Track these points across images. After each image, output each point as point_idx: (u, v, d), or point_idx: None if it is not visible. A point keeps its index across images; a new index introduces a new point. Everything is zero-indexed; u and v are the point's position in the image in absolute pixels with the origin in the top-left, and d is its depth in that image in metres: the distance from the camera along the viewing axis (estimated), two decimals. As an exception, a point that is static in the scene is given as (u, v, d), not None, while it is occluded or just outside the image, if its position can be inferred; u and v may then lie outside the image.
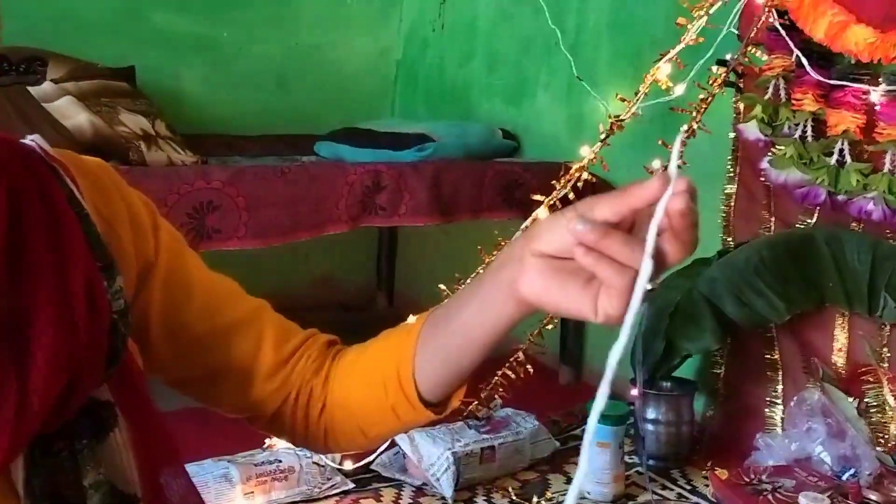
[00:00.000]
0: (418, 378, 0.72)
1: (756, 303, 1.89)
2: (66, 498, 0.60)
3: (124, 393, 0.67)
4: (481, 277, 0.68)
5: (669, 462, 1.98)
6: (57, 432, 0.60)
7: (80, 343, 0.59)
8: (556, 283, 0.60)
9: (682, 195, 0.55)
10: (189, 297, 0.77)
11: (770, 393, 2.01)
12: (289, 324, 0.83)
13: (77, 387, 0.59)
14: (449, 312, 0.71)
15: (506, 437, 1.94)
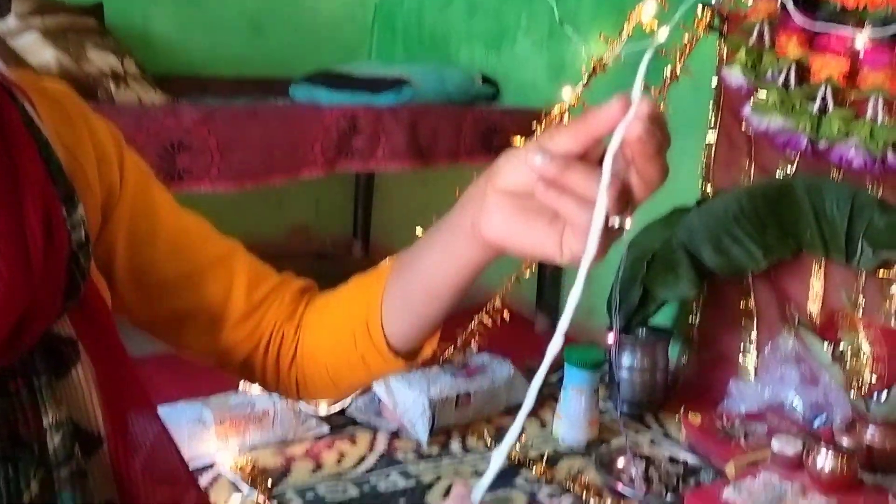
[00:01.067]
0: (387, 328, 0.69)
1: (734, 251, 1.89)
2: (27, 439, 0.57)
3: (87, 329, 0.63)
4: (444, 220, 0.64)
5: (643, 408, 1.99)
6: (12, 370, 0.57)
7: (34, 275, 0.55)
8: (520, 223, 0.56)
9: (641, 120, 0.49)
10: (155, 234, 0.73)
11: (744, 340, 2.02)
12: (262, 267, 0.79)
13: (30, 321, 0.56)
14: (413, 259, 0.68)
15: (481, 383, 1.94)
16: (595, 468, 1.70)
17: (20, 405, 0.57)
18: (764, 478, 1.46)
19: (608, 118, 0.50)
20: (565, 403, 1.84)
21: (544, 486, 1.64)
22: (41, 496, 0.58)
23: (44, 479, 0.58)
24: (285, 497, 1.53)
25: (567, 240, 0.54)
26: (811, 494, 1.40)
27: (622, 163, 0.51)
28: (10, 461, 0.56)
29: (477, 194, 0.59)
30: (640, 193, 0.52)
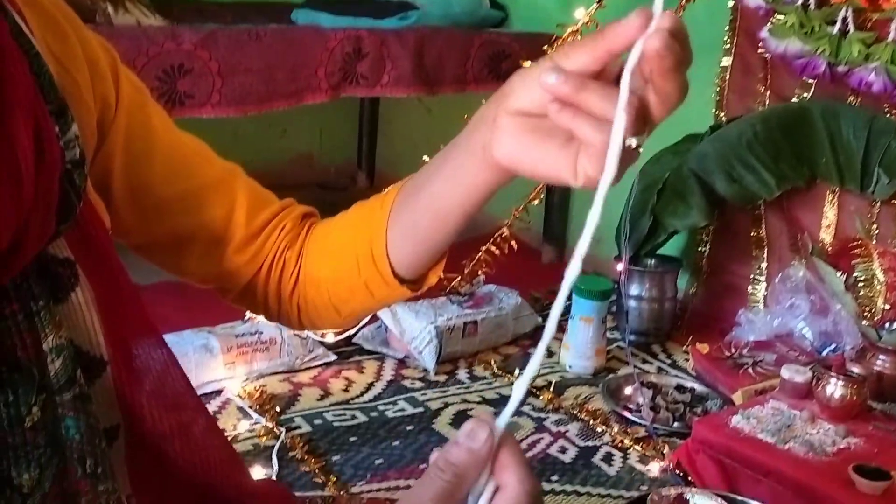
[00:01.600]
0: (391, 254, 0.67)
1: (746, 178, 1.85)
2: (25, 362, 0.55)
3: (85, 251, 0.61)
4: (453, 143, 0.61)
5: (651, 337, 1.99)
6: (7, 294, 0.55)
7: (25, 196, 0.52)
8: (532, 144, 0.53)
9: (661, 33, 0.46)
10: (152, 152, 0.70)
11: (754, 270, 2.00)
12: (263, 191, 0.77)
13: (23, 243, 0.53)
14: (420, 183, 0.65)
15: (488, 312, 1.93)
16: (602, 396, 1.71)
17: (17, 329, 0.55)
18: (772, 405, 1.45)
19: (627, 32, 0.47)
20: (572, 333, 1.84)
21: (551, 414, 1.64)
22: (43, 421, 0.56)
23: (45, 404, 0.56)
24: (293, 423, 1.54)
25: (582, 162, 0.51)
26: (820, 422, 1.40)
27: (640, 80, 0.48)
28: (8, 386, 0.54)
29: (488, 116, 0.56)
30: (658, 112, 0.49)
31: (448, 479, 0.45)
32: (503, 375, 1.79)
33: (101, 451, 0.60)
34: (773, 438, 1.35)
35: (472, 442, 0.45)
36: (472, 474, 0.46)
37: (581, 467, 1.46)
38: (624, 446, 1.53)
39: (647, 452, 1.50)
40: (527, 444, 1.53)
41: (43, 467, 0.56)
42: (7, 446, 0.54)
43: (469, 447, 0.45)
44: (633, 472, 1.45)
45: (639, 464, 1.48)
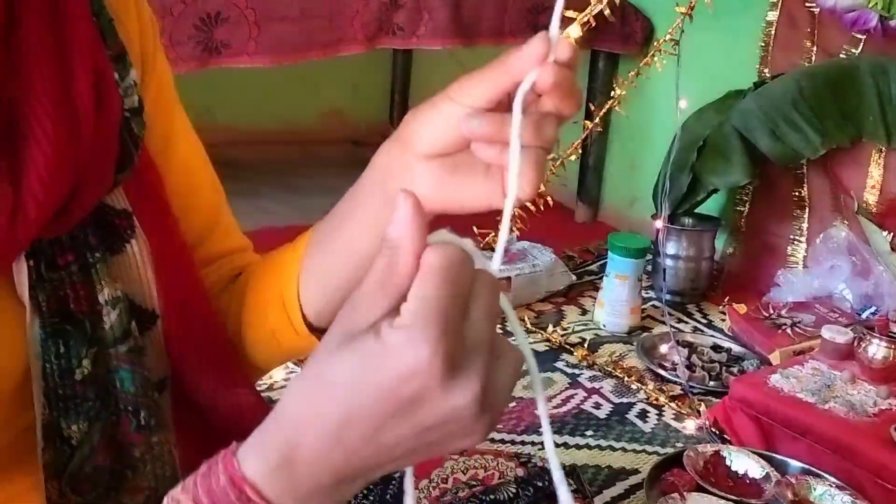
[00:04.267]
0: (304, 299, 0.64)
1: (790, 136, 1.81)
2: (78, 315, 0.55)
3: (143, 202, 0.60)
4: (361, 191, 0.58)
5: (686, 297, 1.97)
6: (64, 244, 0.54)
7: (84, 142, 0.52)
8: (457, 184, 0.52)
9: (551, 67, 0.47)
10: (168, 140, 0.68)
11: (794, 231, 1.96)
12: (234, 223, 0.76)
13: (81, 192, 0.52)
14: (333, 228, 0.62)
15: (522, 268, 1.92)
16: (637, 354, 1.69)
17: (70, 281, 0.55)
18: (812, 365, 1.43)
19: (529, 62, 0.47)
20: (607, 290, 1.82)
21: (585, 370, 1.63)
22: (94, 373, 0.56)
23: (97, 356, 0.56)
24: (328, 373, 1.54)
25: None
26: (861, 383, 1.38)
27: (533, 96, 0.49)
28: (60, 338, 0.54)
29: (395, 166, 0.54)
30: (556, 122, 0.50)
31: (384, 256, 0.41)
32: (536, 332, 1.78)
33: (154, 402, 0.60)
34: (814, 398, 1.33)
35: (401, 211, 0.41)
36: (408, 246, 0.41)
37: (615, 423, 1.45)
38: (659, 403, 1.51)
39: (682, 410, 1.49)
40: (560, 399, 1.52)
41: (92, 420, 0.56)
42: (57, 398, 0.54)
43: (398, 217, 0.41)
44: (669, 429, 1.44)
45: (674, 421, 1.47)
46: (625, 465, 1.32)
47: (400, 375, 0.39)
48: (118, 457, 0.58)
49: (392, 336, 0.39)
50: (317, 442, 0.41)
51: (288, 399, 0.42)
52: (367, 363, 0.39)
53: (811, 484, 1.22)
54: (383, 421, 0.40)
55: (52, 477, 0.55)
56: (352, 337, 0.40)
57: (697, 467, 1.24)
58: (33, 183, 0.49)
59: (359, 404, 0.40)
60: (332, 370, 0.40)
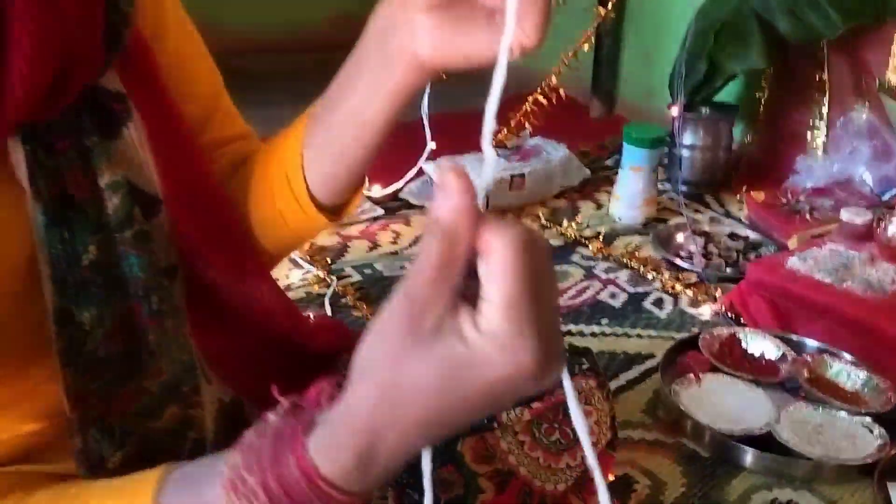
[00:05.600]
0: (308, 175, 0.64)
1: (810, 16, 1.74)
2: (81, 202, 0.55)
3: (137, 85, 0.59)
4: (359, 57, 0.57)
5: (704, 187, 1.94)
6: (60, 127, 0.54)
7: (69, 17, 0.50)
8: (460, 35, 0.51)
9: None
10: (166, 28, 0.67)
11: (814, 116, 1.91)
12: (237, 114, 0.76)
13: (70, 71, 0.51)
14: (333, 100, 0.61)
15: (535, 164, 1.89)
16: (652, 244, 1.68)
17: (69, 166, 0.54)
18: (830, 247, 1.42)
19: None
20: (622, 183, 1.80)
21: (601, 262, 1.63)
22: (101, 259, 0.56)
23: (101, 242, 0.56)
24: (344, 272, 1.55)
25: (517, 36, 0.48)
26: (879, 262, 1.37)
27: None
28: (63, 223, 0.54)
29: (397, 20, 0.53)
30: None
31: (440, 244, 0.39)
32: (551, 227, 1.77)
33: (164, 288, 0.60)
34: (830, 278, 1.32)
35: (451, 196, 0.39)
36: (464, 231, 0.39)
37: (631, 312, 1.46)
38: (675, 291, 1.51)
39: (698, 297, 1.49)
40: (575, 290, 1.52)
41: (103, 305, 0.56)
42: (65, 284, 0.55)
43: (450, 204, 0.39)
44: (684, 315, 1.45)
45: (690, 307, 1.47)
46: (640, 350, 1.33)
47: (492, 380, 0.39)
48: (133, 342, 0.59)
49: (484, 344, 0.39)
50: (395, 444, 0.42)
51: (360, 402, 0.42)
52: (456, 371, 0.39)
53: (827, 361, 1.22)
54: (468, 415, 0.41)
55: (67, 364, 0.56)
56: (425, 337, 0.39)
57: (713, 349, 1.25)
58: (17, 61, 0.48)
59: (447, 407, 0.40)
60: (413, 375, 0.40)
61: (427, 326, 0.39)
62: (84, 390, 0.56)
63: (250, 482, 0.43)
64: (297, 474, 0.42)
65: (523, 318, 0.38)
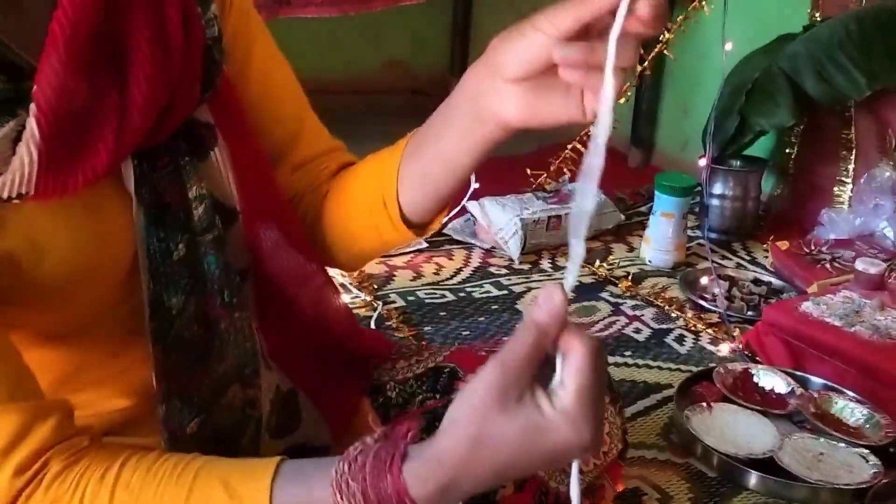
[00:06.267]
0: (402, 199, 0.74)
1: (836, 78, 1.85)
2: (174, 208, 0.68)
3: (223, 117, 0.72)
4: (452, 110, 0.67)
5: (732, 236, 2.04)
6: (161, 149, 0.66)
7: (175, 64, 0.63)
8: (540, 102, 0.61)
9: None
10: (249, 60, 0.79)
11: (841, 172, 2.01)
12: (323, 129, 0.86)
13: (175, 105, 0.64)
14: (428, 140, 0.71)
15: (572, 208, 2.01)
16: (679, 285, 1.79)
17: (167, 179, 0.67)
18: (844, 294, 1.51)
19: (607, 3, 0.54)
20: (653, 227, 1.91)
21: (628, 300, 1.74)
22: (187, 256, 0.69)
23: (188, 243, 0.69)
24: (389, 298, 1.69)
25: (589, 101, 0.59)
26: (889, 310, 1.45)
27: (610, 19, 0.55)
28: (160, 225, 0.67)
29: (485, 87, 0.63)
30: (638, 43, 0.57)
31: (535, 334, 0.53)
32: (584, 266, 1.89)
33: (236, 285, 0.73)
34: (841, 322, 1.41)
35: (550, 304, 0.53)
36: (553, 332, 0.53)
37: (654, 346, 1.56)
38: (696, 329, 1.61)
39: (718, 336, 1.59)
40: (603, 324, 1.63)
41: (187, 294, 0.69)
42: (159, 275, 0.67)
43: (548, 308, 0.53)
44: (703, 352, 1.55)
45: (709, 345, 1.57)
46: (659, 380, 1.44)
47: (558, 446, 0.52)
48: (207, 328, 0.71)
49: (557, 417, 0.52)
50: (471, 484, 0.54)
51: (451, 447, 0.54)
52: (531, 433, 0.52)
53: (832, 398, 1.31)
54: (531, 469, 0.55)
55: (157, 342, 0.67)
56: (511, 403, 0.52)
57: (727, 383, 1.35)
58: (137, 97, 0.60)
59: (517, 460, 0.53)
60: (498, 431, 0.52)
61: (513, 396, 0.52)
62: (169, 365, 0.68)
63: (353, 487, 0.55)
64: (391, 490, 0.54)
65: (588, 405, 0.52)
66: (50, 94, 0.54)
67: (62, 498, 0.57)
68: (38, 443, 0.57)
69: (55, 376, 0.67)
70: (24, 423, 0.57)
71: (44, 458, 0.57)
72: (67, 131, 0.56)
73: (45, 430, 0.57)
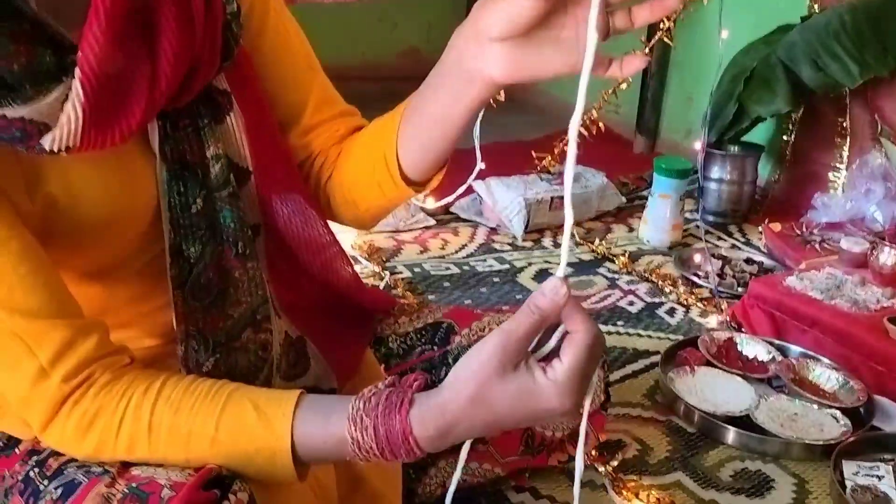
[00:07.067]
0: (401, 158, 0.79)
1: (831, 67, 1.92)
2: (193, 166, 0.75)
3: (239, 85, 0.80)
4: (442, 71, 0.71)
5: (728, 218, 2.12)
6: (183, 112, 0.74)
7: (197, 35, 0.70)
8: (528, 58, 0.64)
9: None
10: (264, 27, 0.85)
11: (835, 158, 2.08)
12: (334, 93, 0.91)
13: (197, 73, 0.71)
14: (421, 104, 0.75)
15: (574, 189, 2.09)
16: (673, 263, 1.87)
17: (187, 139, 0.75)
18: (828, 271, 1.58)
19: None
20: (651, 208, 1.99)
21: (624, 276, 1.82)
22: (204, 209, 0.76)
23: (205, 197, 0.76)
24: (396, 269, 1.78)
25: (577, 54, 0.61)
26: (870, 286, 1.53)
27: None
28: (181, 180, 0.74)
29: (471, 48, 0.66)
30: None
31: (536, 317, 0.62)
32: (584, 244, 1.97)
33: (248, 238, 0.81)
34: (822, 296, 1.49)
35: (556, 296, 0.61)
36: (552, 318, 0.62)
37: (646, 317, 1.64)
38: (687, 304, 1.69)
39: (708, 309, 1.66)
40: (599, 297, 1.72)
41: (204, 244, 0.76)
42: (179, 226, 0.75)
43: (553, 299, 0.61)
44: (693, 323, 1.63)
45: (699, 317, 1.65)
46: (648, 347, 1.52)
47: (543, 408, 0.62)
48: (222, 276, 0.79)
49: (548, 385, 0.61)
50: (465, 431, 0.64)
51: (452, 399, 0.63)
52: (523, 396, 0.62)
53: (810, 364, 1.39)
54: (513, 422, 0.64)
55: (178, 287, 0.75)
56: (508, 370, 0.62)
57: (711, 350, 1.43)
58: (164, 63, 0.68)
59: (507, 417, 0.63)
60: (495, 391, 0.62)
61: (511, 364, 0.62)
62: (188, 308, 0.76)
63: (366, 422, 0.65)
64: (398, 428, 0.64)
65: (577, 380, 0.61)
66: (92, 59, 0.62)
67: (109, 405, 0.65)
68: (84, 354, 0.65)
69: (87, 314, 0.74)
70: (69, 337, 0.65)
71: (89, 370, 0.66)
72: (107, 93, 0.63)
73: (88, 345, 0.66)
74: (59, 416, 0.66)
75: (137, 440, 0.66)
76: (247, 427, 0.66)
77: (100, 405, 0.65)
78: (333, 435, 0.66)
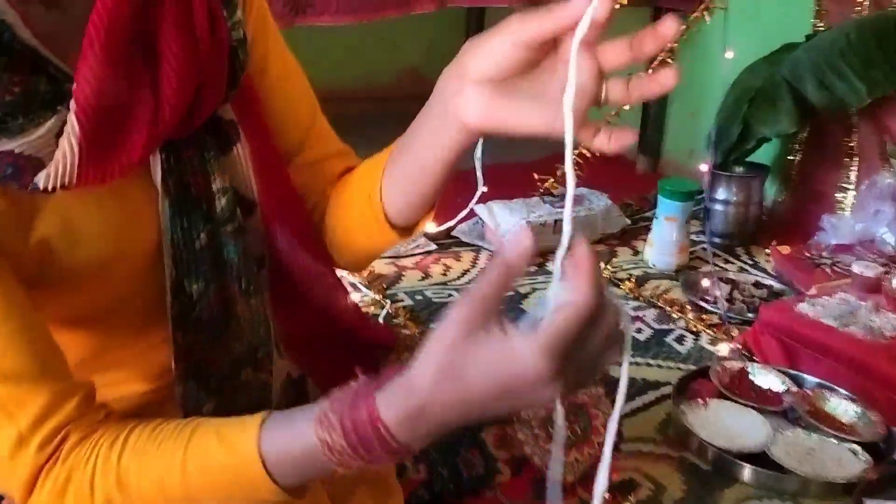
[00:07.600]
0: (385, 200, 0.75)
1: (837, 86, 1.89)
2: (198, 199, 0.72)
3: (245, 115, 0.77)
4: (426, 111, 0.67)
5: (735, 240, 2.08)
6: (187, 142, 0.71)
7: (202, 62, 0.67)
8: (505, 107, 0.59)
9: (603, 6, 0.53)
10: (266, 62, 0.83)
11: (843, 178, 2.05)
12: (331, 132, 0.88)
13: (202, 101, 0.68)
14: (405, 144, 0.72)
15: (578, 211, 2.06)
16: (681, 288, 1.83)
17: (192, 171, 0.72)
18: (840, 296, 1.55)
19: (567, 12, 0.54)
20: (656, 231, 1.95)
21: (631, 301, 1.78)
22: (209, 245, 0.73)
23: (210, 232, 0.73)
24: (397, 297, 1.74)
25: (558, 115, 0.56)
26: (884, 312, 1.49)
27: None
28: (185, 214, 0.71)
29: (452, 87, 0.61)
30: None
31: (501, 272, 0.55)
32: (589, 268, 1.93)
33: (254, 273, 0.78)
34: (835, 322, 1.45)
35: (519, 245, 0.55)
36: (519, 268, 0.54)
37: (654, 345, 1.60)
38: (696, 330, 1.65)
39: (718, 336, 1.62)
40: (606, 324, 1.67)
41: (208, 281, 0.73)
42: (181, 262, 0.71)
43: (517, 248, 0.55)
44: (703, 351, 1.59)
45: (709, 345, 1.61)
46: (658, 378, 1.48)
47: (518, 374, 0.53)
48: (226, 311, 0.76)
49: (523, 344, 0.52)
50: (440, 412, 0.56)
51: (421, 373, 0.55)
52: (495, 360, 0.53)
53: (826, 396, 1.35)
54: (491, 399, 0.55)
55: (178, 325, 0.72)
56: (478, 332, 0.53)
57: (723, 380, 1.39)
58: (167, 90, 0.65)
59: (480, 390, 0.54)
60: (466, 360, 0.54)
61: (479, 325, 0.53)
62: (187, 346, 0.72)
63: (332, 418, 0.59)
64: (365, 416, 0.57)
65: (560, 344, 0.52)
66: (88, 90, 0.58)
67: (78, 466, 0.61)
68: (62, 418, 0.61)
69: (79, 357, 0.71)
70: (49, 402, 0.61)
71: (64, 432, 0.61)
72: (105, 125, 0.60)
73: (68, 408, 0.62)
74: (36, 488, 0.62)
75: (112, 497, 0.62)
76: (213, 459, 0.62)
77: (70, 468, 0.61)
78: (302, 443, 0.60)
